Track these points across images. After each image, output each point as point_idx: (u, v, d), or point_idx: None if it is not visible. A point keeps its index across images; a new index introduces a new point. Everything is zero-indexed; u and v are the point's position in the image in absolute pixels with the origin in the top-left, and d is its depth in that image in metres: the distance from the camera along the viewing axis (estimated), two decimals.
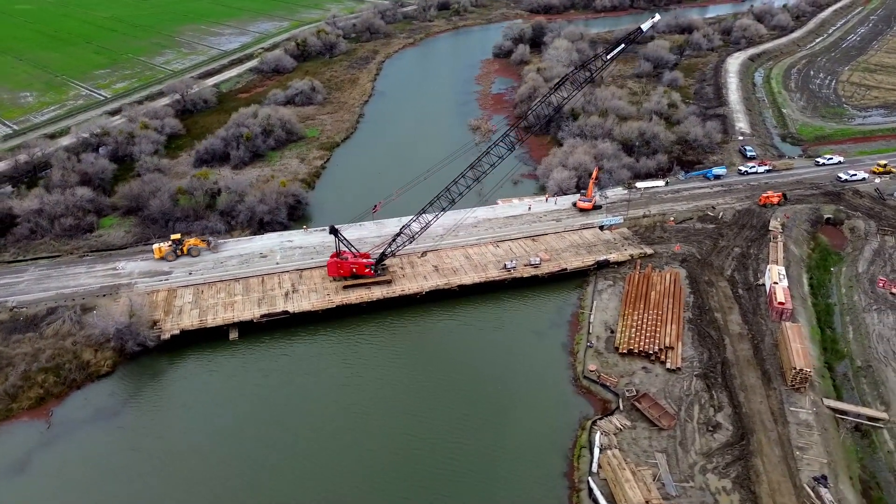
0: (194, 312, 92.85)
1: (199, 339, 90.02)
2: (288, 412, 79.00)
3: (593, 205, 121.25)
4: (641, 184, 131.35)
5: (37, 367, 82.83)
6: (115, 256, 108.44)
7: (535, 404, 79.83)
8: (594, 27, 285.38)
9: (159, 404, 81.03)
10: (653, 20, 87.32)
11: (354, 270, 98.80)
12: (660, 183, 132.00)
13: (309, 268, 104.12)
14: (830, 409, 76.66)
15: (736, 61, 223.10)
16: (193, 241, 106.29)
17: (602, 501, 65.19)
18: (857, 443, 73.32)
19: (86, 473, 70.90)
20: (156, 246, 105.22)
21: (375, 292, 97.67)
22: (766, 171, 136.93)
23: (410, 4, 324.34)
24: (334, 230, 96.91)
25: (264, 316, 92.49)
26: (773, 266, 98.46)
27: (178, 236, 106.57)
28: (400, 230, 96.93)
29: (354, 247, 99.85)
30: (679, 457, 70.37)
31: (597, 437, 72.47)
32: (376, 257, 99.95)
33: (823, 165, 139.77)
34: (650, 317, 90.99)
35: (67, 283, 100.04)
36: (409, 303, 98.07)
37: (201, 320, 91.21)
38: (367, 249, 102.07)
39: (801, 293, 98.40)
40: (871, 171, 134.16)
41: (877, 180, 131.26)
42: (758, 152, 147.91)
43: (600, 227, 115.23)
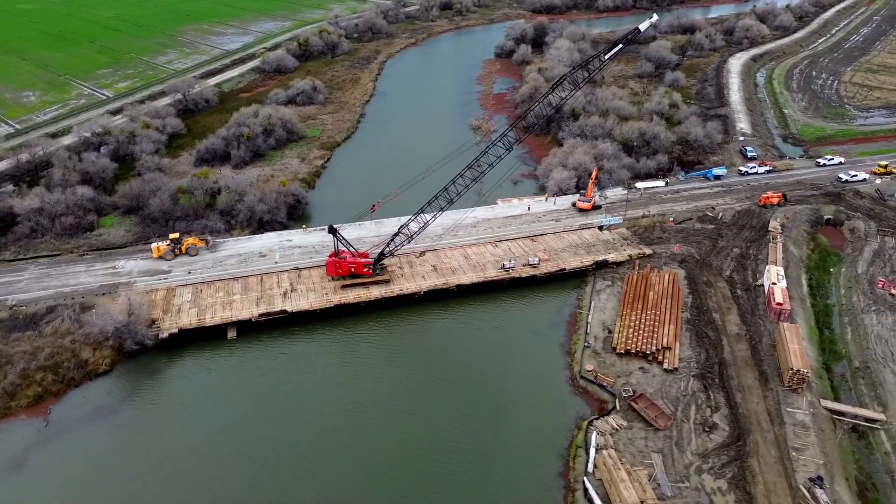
0: (193, 311, 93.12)
1: (198, 337, 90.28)
2: (286, 411, 79.18)
3: (592, 205, 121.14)
4: (641, 184, 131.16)
5: (35, 366, 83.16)
6: (114, 255, 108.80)
7: (532, 404, 79.91)
8: (596, 27, 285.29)
9: (157, 403, 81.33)
10: (650, 20, 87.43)
11: (353, 270, 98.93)
12: (660, 183, 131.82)
13: (308, 267, 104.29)
14: (827, 409, 76.53)
15: (738, 62, 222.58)
16: (192, 240, 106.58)
17: (597, 501, 65.21)
18: (854, 444, 73.18)
19: (83, 472, 71.17)
20: (154, 245, 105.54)
21: (374, 292, 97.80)
22: (767, 171, 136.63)
23: (413, 4, 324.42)
24: (333, 230, 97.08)
25: (262, 315, 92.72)
26: (772, 267, 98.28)
27: (176, 235, 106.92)
28: (398, 230, 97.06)
29: (353, 246, 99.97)
30: (675, 457, 70.33)
31: (593, 437, 72.48)
32: (375, 257, 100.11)
33: (824, 166, 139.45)
34: (648, 317, 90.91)
35: (67, 282, 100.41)
36: (407, 302, 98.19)
37: (199, 319, 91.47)
38: (366, 249, 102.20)
39: (799, 294, 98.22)
40: (871, 172, 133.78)
41: (877, 181, 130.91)
42: (758, 153, 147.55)
43: (599, 228, 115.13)
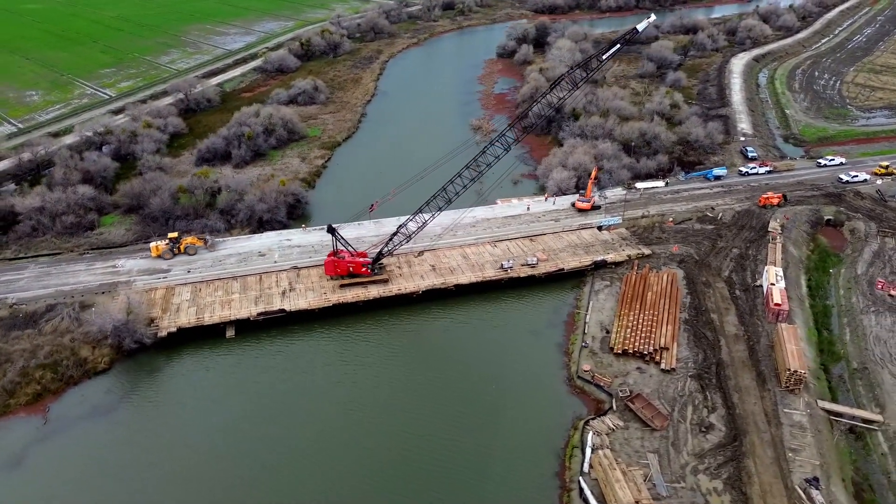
0: (192, 310, 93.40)
1: (196, 336, 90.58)
2: (283, 410, 79.39)
3: (592, 205, 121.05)
4: (641, 184, 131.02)
5: (35, 364, 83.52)
6: (115, 254, 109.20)
7: (528, 404, 79.99)
8: (599, 27, 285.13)
9: (155, 401, 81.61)
10: (648, 20, 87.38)
11: (351, 269, 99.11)
12: (659, 183, 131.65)
13: (307, 266, 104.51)
14: (825, 410, 76.39)
15: (740, 62, 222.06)
16: (190, 239, 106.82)
17: (592, 501, 65.23)
18: (851, 445, 73.02)
19: (81, 469, 71.53)
20: (153, 244, 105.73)
21: (372, 291, 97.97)
22: (767, 172, 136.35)
23: (415, 4, 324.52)
24: (331, 229, 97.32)
25: (261, 314, 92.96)
26: (771, 267, 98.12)
27: (174, 235, 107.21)
28: (397, 229, 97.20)
29: (352, 246, 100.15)
30: (671, 457, 70.30)
31: (589, 437, 72.50)
32: (373, 256, 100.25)
33: (825, 167, 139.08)
34: (646, 317, 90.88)
35: (67, 281, 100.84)
36: (405, 302, 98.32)
37: (198, 318, 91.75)
38: (365, 248, 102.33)
39: (798, 294, 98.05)
40: (872, 173, 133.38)
41: (878, 182, 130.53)
42: (759, 153, 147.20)
43: (598, 228, 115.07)
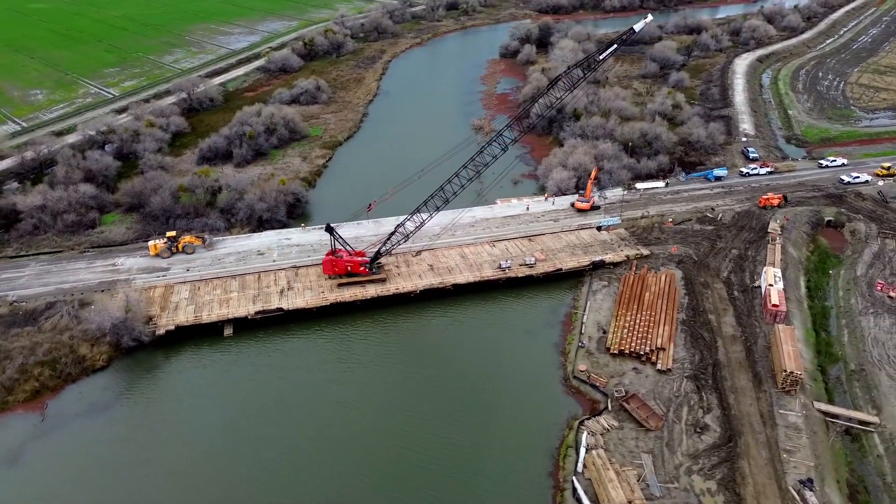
0: (190, 308, 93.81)
1: (194, 334, 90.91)
2: (280, 408, 79.65)
3: (591, 205, 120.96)
4: (641, 185, 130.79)
5: (34, 361, 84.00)
6: (115, 252, 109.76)
7: (524, 403, 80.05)
8: (603, 27, 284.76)
9: (153, 398, 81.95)
10: (645, 20, 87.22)
11: (349, 269, 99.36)
12: (659, 184, 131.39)
13: (305, 265, 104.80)
14: (821, 412, 76.17)
15: (744, 62, 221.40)
16: (188, 238, 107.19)
17: (585, 501, 65.27)
18: (847, 447, 72.82)
19: (78, 466, 71.91)
20: (151, 243, 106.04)
21: (370, 290, 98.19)
22: (768, 172, 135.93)
23: (419, 4, 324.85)
24: (330, 228, 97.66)
25: (259, 313, 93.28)
26: (769, 268, 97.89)
27: (173, 234, 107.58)
28: (395, 229, 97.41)
29: (350, 245, 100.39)
30: (665, 458, 70.24)
31: (583, 437, 72.50)
32: (372, 256, 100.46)
33: (826, 167, 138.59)
34: (643, 318, 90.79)
35: (67, 279, 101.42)
36: (403, 301, 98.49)
37: (196, 316, 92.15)
38: (364, 248, 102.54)
39: (797, 296, 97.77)
40: (874, 174, 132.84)
41: (880, 183, 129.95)
42: (761, 154, 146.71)
43: (598, 228, 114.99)
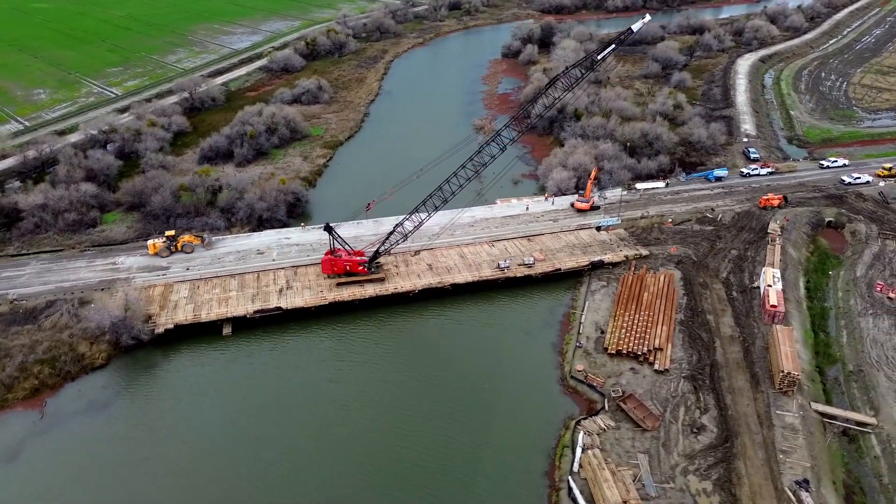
0: (189, 307, 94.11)
1: (193, 333, 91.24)
2: (278, 406, 79.91)
3: (591, 205, 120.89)
4: (641, 185, 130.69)
5: (33, 359, 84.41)
6: (115, 251, 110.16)
7: (521, 403, 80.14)
8: (606, 27, 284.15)
9: (152, 397, 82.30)
10: (643, 20, 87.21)
11: (348, 268, 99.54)
12: (660, 184, 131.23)
13: (304, 265, 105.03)
14: (818, 413, 76.06)
15: (746, 63, 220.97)
16: (187, 237, 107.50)
17: (580, 501, 65.31)
18: (844, 448, 72.71)
19: (77, 463, 72.28)
20: (150, 242, 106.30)
21: (368, 290, 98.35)
22: (769, 173, 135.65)
23: (422, 4, 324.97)
24: (329, 227, 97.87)
25: (257, 312, 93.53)
26: (768, 269, 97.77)
27: (172, 233, 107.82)
28: (393, 228, 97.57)
29: (349, 244, 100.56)
30: (661, 458, 70.23)
31: (580, 437, 72.56)
32: (370, 255, 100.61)
33: (827, 168, 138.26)
34: (641, 318, 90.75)
35: (67, 277, 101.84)
36: (401, 301, 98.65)
37: (195, 315, 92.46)
38: (363, 247, 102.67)
39: (796, 296, 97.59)
40: (875, 175, 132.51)
41: (881, 184, 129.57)
42: (762, 154, 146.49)
43: (597, 228, 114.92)
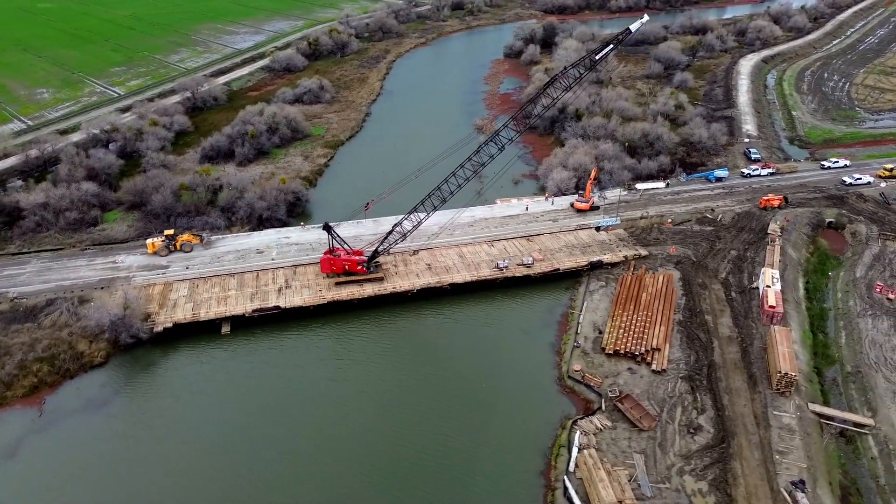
0: (188, 306, 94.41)
1: (192, 332, 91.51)
2: (276, 405, 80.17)
3: (591, 205, 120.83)
4: (641, 185, 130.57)
5: (33, 357, 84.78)
6: (116, 250, 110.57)
7: (519, 403, 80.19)
8: (608, 28, 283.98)
9: (150, 395, 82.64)
10: (641, 21, 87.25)
11: (347, 267, 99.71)
12: (660, 184, 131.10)
13: (303, 264, 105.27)
14: (815, 413, 75.94)
15: (749, 63, 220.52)
16: (186, 236, 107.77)
17: (576, 500, 65.36)
18: (841, 448, 72.57)
19: (75, 461, 72.62)
20: (149, 241, 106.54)
21: (367, 289, 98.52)
22: (770, 173, 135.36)
23: (424, 4, 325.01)
24: (328, 227, 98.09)
25: (256, 311, 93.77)
26: (767, 269, 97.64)
27: (171, 232, 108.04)
28: (392, 228, 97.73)
29: (347, 244, 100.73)
30: (657, 458, 70.22)
31: (576, 437, 72.61)
32: (369, 255, 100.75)
33: (829, 169, 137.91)
34: (639, 318, 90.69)
35: (68, 276, 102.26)
36: (400, 300, 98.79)
37: (194, 314, 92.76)
38: (362, 247, 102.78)
39: (795, 297, 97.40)
40: (877, 175, 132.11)
41: (882, 184, 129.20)
42: (763, 155, 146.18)
43: (596, 229, 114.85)
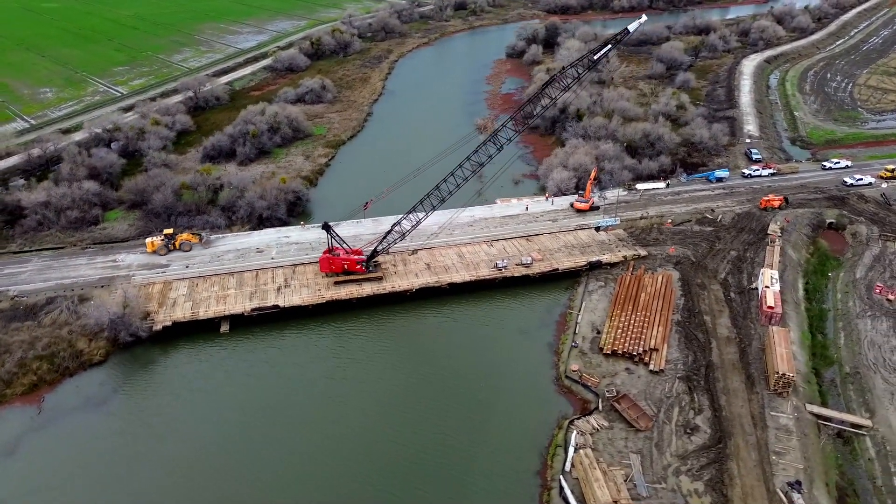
0: (187, 305, 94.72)
1: (191, 330, 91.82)
2: (274, 403, 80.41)
3: (590, 206, 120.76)
4: (641, 185, 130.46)
5: (32, 355, 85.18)
6: (116, 249, 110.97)
7: (516, 402, 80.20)
8: (611, 28, 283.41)
9: (149, 393, 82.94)
10: (640, 21, 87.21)
11: (346, 267, 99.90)
12: (660, 185, 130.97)
13: (303, 263, 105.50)
14: (813, 414, 75.81)
15: (751, 63, 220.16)
16: (185, 236, 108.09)
17: (571, 500, 65.39)
18: (839, 449, 72.44)
19: (74, 459, 72.92)
20: (148, 240, 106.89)
21: (366, 289, 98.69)
22: (771, 174, 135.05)
23: (427, 4, 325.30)
24: (327, 226, 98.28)
25: (255, 310, 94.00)
26: (766, 270, 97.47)
27: (170, 231, 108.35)
28: (391, 227, 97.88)
29: (347, 243, 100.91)
30: (654, 458, 70.19)
31: (573, 437, 72.63)
32: (368, 254, 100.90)
33: (830, 169, 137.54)
34: (638, 318, 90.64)
35: (68, 274, 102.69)
36: (399, 300, 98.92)
37: (193, 312, 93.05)
38: (362, 246, 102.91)
39: (794, 298, 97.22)
40: (878, 176, 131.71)
41: (883, 185, 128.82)
42: (764, 155, 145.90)
43: (596, 229, 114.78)
